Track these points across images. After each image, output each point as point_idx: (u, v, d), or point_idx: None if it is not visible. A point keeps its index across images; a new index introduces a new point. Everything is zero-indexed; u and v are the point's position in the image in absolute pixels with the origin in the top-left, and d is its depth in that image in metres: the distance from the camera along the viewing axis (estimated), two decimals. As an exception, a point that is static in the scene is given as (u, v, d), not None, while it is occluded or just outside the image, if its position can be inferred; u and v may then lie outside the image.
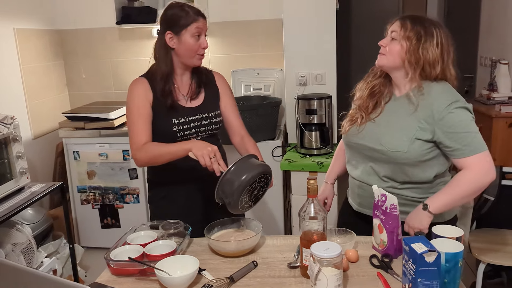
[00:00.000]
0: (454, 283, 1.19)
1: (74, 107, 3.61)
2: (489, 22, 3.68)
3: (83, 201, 3.26)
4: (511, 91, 3.17)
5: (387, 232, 1.45)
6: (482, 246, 2.23)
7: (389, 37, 1.56)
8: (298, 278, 1.38)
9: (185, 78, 1.78)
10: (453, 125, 1.46)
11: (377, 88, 1.63)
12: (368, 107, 1.62)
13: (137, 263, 1.39)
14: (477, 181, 1.46)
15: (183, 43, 1.68)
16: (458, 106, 1.47)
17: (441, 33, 1.53)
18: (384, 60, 1.56)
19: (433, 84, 1.52)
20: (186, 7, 1.70)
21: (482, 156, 1.45)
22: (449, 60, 1.54)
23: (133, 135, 1.69)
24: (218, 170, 1.51)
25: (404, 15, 1.58)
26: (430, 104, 1.49)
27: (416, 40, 1.50)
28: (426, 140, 1.50)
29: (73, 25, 3.57)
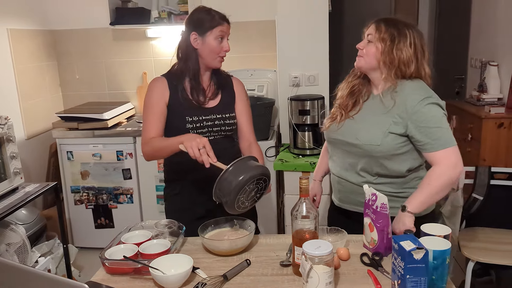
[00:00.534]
0: (441, 280, 1.22)
1: (68, 107, 3.61)
2: (479, 24, 3.73)
3: (77, 201, 3.27)
4: (500, 93, 3.22)
5: (377, 230, 1.48)
6: (471, 245, 2.27)
7: (366, 40, 1.64)
8: (291, 276, 1.40)
9: (204, 79, 1.84)
10: (425, 120, 1.53)
11: (356, 88, 1.71)
12: (348, 105, 1.70)
13: (132, 262, 1.40)
14: (446, 175, 1.51)
15: (206, 44, 1.75)
16: (430, 102, 1.55)
17: (414, 33, 1.60)
18: (362, 62, 1.65)
19: (407, 82, 1.60)
20: (212, 11, 1.77)
21: (450, 150, 1.51)
22: (423, 59, 1.61)
23: (144, 130, 1.79)
24: (207, 161, 1.52)
25: (379, 18, 1.65)
26: (404, 100, 1.56)
27: (390, 42, 1.58)
28: (399, 134, 1.57)
29: (66, 26, 3.57)
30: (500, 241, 2.30)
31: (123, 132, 3.16)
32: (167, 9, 3.31)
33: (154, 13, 3.31)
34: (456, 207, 2.35)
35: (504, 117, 2.89)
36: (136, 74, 3.63)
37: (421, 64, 1.61)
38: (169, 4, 3.37)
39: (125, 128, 3.21)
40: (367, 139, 1.60)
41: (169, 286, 1.35)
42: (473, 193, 2.45)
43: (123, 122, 3.38)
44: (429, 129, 1.52)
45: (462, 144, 3.23)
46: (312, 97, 2.67)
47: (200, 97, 1.80)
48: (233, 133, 1.89)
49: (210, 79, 1.86)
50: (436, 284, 1.21)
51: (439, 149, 1.52)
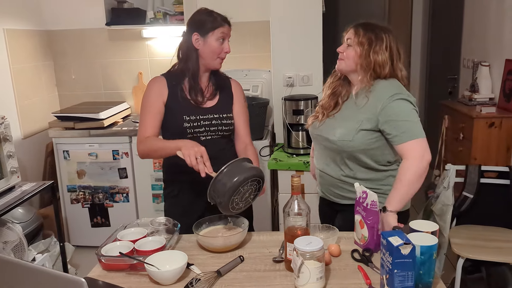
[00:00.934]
0: (429, 275, 1.25)
1: (64, 107, 3.63)
2: (471, 25, 3.78)
3: (73, 200, 3.29)
4: (492, 93, 3.27)
5: (368, 227, 1.52)
6: (462, 242, 2.31)
7: (346, 44, 1.73)
8: (283, 271, 1.44)
9: (203, 79, 1.87)
10: (393, 113, 1.62)
11: (337, 89, 1.80)
12: (330, 105, 1.80)
13: (128, 258, 1.44)
14: (413, 166, 1.57)
15: (208, 45, 1.78)
16: (399, 98, 1.63)
17: (390, 37, 1.69)
18: (343, 65, 1.75)
19: (381, 81, 1.69)
20: (214, 13, 1.82)
21: (417, 142, 1.58)
22: (399, 61, 1.71)
23: (140, 129, 1.81)
24: (203, 170, 1.56)
25: (357, 23, 1.75)
26: (376, 97, 1.66)
27: (368, 45, 1.66)
28: (371, 129, 1.66)
29: (62, 26, 3.59)
30: (489, 238, 2.35)
31: (119, 131, 3.19)
32: (162, 9, 3.33)
33: (149, 14, 3.34)
34: (447, 205, 2.40)
35: (495, 116, 2.93)
36: (132, 74, 3.65)
37: (397, 66, 1.71)
38: (164, 5, 3.39)
39: (121, 128, 3.24)
40: (341, 135, 1.70)
41: (164, 281, 1.38)
42: (464, 191, 2.49)
43: (119, 122, 3.41)
44: (397, 122, 1.61)
45: (454, 143, 3.28)
46: (306, 97, 2.71)
47: (198, 97, 1.83)
48: (231, 133, 1.92)
49: (209, 80, 1.89)
50: (424, 279, 1.25)
51: (406, 141, 1.59)
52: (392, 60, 1.70)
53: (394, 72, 1.71)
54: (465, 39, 3.92)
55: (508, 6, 3.11)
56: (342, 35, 1.78)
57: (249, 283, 1.38)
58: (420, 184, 1.59)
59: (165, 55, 3.56)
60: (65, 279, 0.97)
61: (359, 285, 1.34)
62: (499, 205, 2.45)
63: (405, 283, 1.19)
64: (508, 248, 2.25)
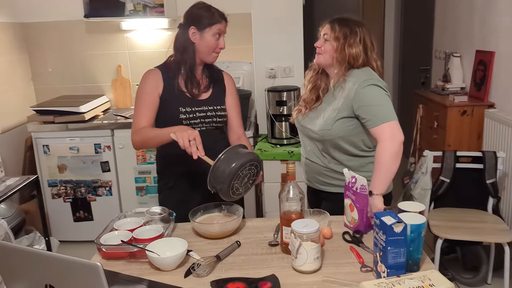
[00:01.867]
0: (418, 251, 1.34)
1: (40, 101, 3.57)
2: (443, 18, 3.93)
3: (54, 195, 3.26)
4: (463, 82, 3.42)
5: (357, 210, 1.60)
6: (439, 224, 2.43)
7: (323, 39, 1.81)
8: (279, 254, 1.50)
9: (198, 72, 1.90)
10: (365, 99, 1.71)
11: (317, 83, 1.90)
12: (312, 99, 1.89)
13: (128, 246, 1.46)
14: (387, 148, 1.65)
15: (204, 39, 1.81)
16: (370, 83, 1.72)
17: (364, 31, 1.79)
18: (321, 59, 1.83)
19: (354, 70, 1.78)
20: (212, 9, 1.84)
21: (388, 124, 1.67)
22: (373, 53, 1.81)
23: (134, 120, 1.82)
24: (195, 153, 1.58)
25: (333, 18, 1.83)
26: (349, 85, 1.75)
27: (343, 39, 1.76)
28: (347, 116, 1.76)
29: (38, 18, 3.52)
30: (465, 219, 2.48)
31: (100, 125, 3.17)
32: (142, 1, 3.32)
33: (129, 6, 3.32)
34: (425, 189, 2.52)
35: (467, 105, 3.08)
36: (111, 67, 3.63)
37: (371, 57, 1.81)
38: (144, -3, 3.38)
39: (102, 121, 3.22)
40: (321, 125, 1.80)
41: (165, 267, 1.42)
42: (441, 176, 2.61)
43: (99, 115, 3.38)
44: (369, 107, 1.71)
45: (428, 131, 3.42)
46: (289, 88, 2.77)
47: (194, 89, 1.86)
48: (224, 125, 1.96)
49: (202, 73, 1.92)
50: (413, 255, 1.34)
51: (377, 124, 1.68)
52: (366, 51, 1.80)
53: (368, 62, 1.81)
54: (437, 31, 4.07)
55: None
56: (318, 30, 1.86)
57: (248, 265, 1.43)
58: (398, 164, 1.67)
59: (145, 48, 3.55)
60: (80, 264, 1.00)
61: (353, 264, 1.42)
62: (474, 188, 2.58)
63: (397, 259, 1.27)
64: (482, 228, 2.38)
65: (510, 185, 2.70)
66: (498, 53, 2.99)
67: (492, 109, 3.01)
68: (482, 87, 3.12)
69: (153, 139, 1.76)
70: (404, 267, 1.28)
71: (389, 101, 1.74)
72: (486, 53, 3.10)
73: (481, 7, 3.20)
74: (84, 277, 1.02)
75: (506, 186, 2.74)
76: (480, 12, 3.21)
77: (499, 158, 2.52)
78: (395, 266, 1.27)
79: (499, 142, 2.79)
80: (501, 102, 2.97)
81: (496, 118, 2.85)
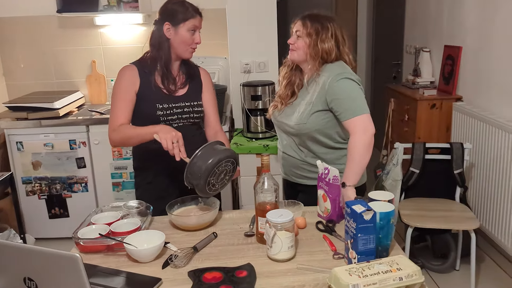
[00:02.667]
0: (387, 238, 1.40)
1: (13, 97, 3.52)
2: (413, 13, 4.03)
3: (29, 192, 3.23)
4: (433, 76, 3.53)
5: (330, 200, 1.66)
6: (410, 213, 2.52)
7: (295, 36, 1.85)
8: (255, 244, 1.54)
9: (174, 68, 1.91)
10: (338, 92, 1.77)
11: (291, 78, 1.95)
12: (287, 95, 1.94)
13: (106, 239, 1.48)
14: (359, 140, 1.72)
15: (179, 35, 1.81)
16: (343, 77, 1.78)
17: (335, 26, 1.84)
18: (295, 55, 1.88)
19: (328, 64, 1.83)
20: (186, 3, 1.83)
21: (360, 117, 1.73)
22: (345, 47, 1.86)
23: (112, 117, 1.81)
24: (178, 155, 1.61)
25: (304, 14, 1.88)
26: (323, 79, 1.80)
27: (315, 35, 1.80)
28: (322, 110, 1.81)
29: (10, 13, 3.45)
30: (434, 208, 2.57)
31: (75, 121, 3.15)
32: (116, -4, 3.30)
33: (103, 1, 3.29)
34: (396, 180, 2.60)
35: (436, 98, 3.19)
36: (85, 63, 3.59)
37: (343, 51, 1.86)
38: (118, -8, 3.35)
39: (76, 117, 3.20)
40: (296, 119, 1.85)
41: (143, 259, 1.44)
42: (411, 167, 2.70)
43: (74, 111, 3.36)
44: (341, 101, 1.76)
45: (400, 124, 3.52)
46: (264, 83, 2.81)
47: (170, 86, 1.86)
48: (200, 120, 1.98)
49: (179, 69, 1.93)
50: (382, 242, 1.40)
51: (350, 117, 1.74)
52: (338, 46, 1.85)
53: (341, 56, 1.86)
54: (407, 27, 4.17)
55: (446, -4, 3.35)
56: (290, 27, 1.91)
57: (225, 255, 1.47)
58: (369, 156, 1.73)
59: (119, 43, 3.53)
60: (59, 256, 1.02)
61: (326, 251, 1.47)
62: (442, 178, 2.68)
63: (367, 246, 1.33)
64: (451, 217, 2.48)
65: (477, 175, 2.82)
66: (465, 48, 3.10)
67: (459, 102, 3.13)
68: (450, 81, 3.23)
69: (134, 138, 1.76)
70: (373, 253, 1.34)
71: (362, 94, 1.80)
72: (454, 48, 3.21)
73: (449, 3, 3.30)
74: (63, 269, 1.03)
75: (473, 176, 2.86)
76: (448, 8, 3.32)
77: (466, 149, 2.62)
78: (365, 252, 1.33)
79: (467, 134, 2.91)
80: (468, 96, 3.09)
81: (464, 111, 2.97)
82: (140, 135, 1.73)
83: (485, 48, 2.86)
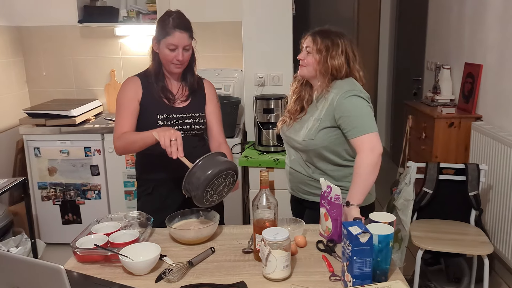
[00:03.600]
0: (385, 262, 1.36)
1: (34, 104, 3.61)
2: (434, 28, 3.96)
3: (44, 197, 3.29)
4: (452, 94, 3.45)
5: (331, 219, 1.62)
6: (421, 235, 2.45)
7: (305, 51, 1.83)
8: (252, 261, 1.52)
9: (174, 80, 1.92)
10: (346, 109, 1.73)
11: (301, 94, 1.92)
12: (296, 110, 1.91)
13: (102, 250, 1.49)
14: (367, 159, 1.68)
15: (160, 51, 1.82)
16: (352, 94, 1.74)
17: (345, 42, 1.81)
18: (305, 71, 1.85)
19: (338, 81, 1.80)
20: (170, 19, 1.79)
21: (367, 136, 1.69)
22: (355, 63, 1.82)
23: (116, 126, 1.84)
24: (175, 152, 1.60)
25: (314, 30, 1.86)
26: (332, 95, 1.77)
27: (325, 52, 1.78)
28: (330, 126, 1.77)
29: (34, 22, 3.57)
30: (447, 231, 2.49)
31: (91, 129, 3.20)
32: (135, 8, 3.36)
33: (122, 12, 3.36)
34: (408, 200, 2.53)
35: (454, 117, 3.10)
36: (104, 72, 3.66)
37: (354, 68, 1.82)
38: (137, 4, 3.42)
39: (93, 125, 3.25)
40: (304, 135, 1.82)
41: (137, 272, 1.44)
42: (424, 187, 2.63)
43: (91, 119, 3.42)
44: (349, 118, 1.72)
45: (417, 142, 3.44)
46: (276, 97, 2.80)
47: (168, 95, 1.88)
48: (203, 132, 1.98)
49: (181, 81, 1.93)
50: (381, 265, 1.35)
51: (357, 135, 1.71)
52: (349, 62, 1.81)
53: (351, 73, 1.83)
54: (428, 43, 4.10)
55: (468, 13, 3.28)
56: (300, 42, 1.89)
57: (220, 272, 1.45)
58: (375, 176, 1.69)
59: (138, 54, 3.59)
60: (44, 267, 1.02)
61: (323, 273, 1.43)
62: (456, 200, 2.59)
63: (363, 269, 1.28)
64: (464, 240, 2.40)
65: (494, 197, 2.72)
66: (485, 66, 3.02)
67: (479, 121, 3.04)
68: (470, 99, 3.15)
69: (136, 142, 1.77)
70: (370, 277, 1.30)
71: (371, 112, 1.76)
72: (474, 65, 3.13)
73: (470, 20, 3.23)
74: (48, 279, 1.03)
75: (490, 198, 2.76)
76: (469, 25, 3.25)
77: (482, 171, 2.53)
78: (360, 276, 1.29)
79: (485, 154, 2.82)
80: (488, 115, 3.00)
81: (482, 130, 2.88)
82: (142, 139, 1.74)
83: (506, 66, 2.77)
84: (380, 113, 5.38)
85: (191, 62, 1.92)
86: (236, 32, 3.16)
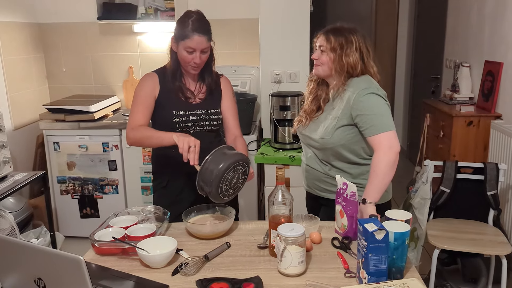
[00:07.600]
0: (401, 259, 1.35)
1: (54, 99, 3.67)
2: (454, 26, 3.91)
3: (63, 191, 3.35)
4: (472, 92, 3.40)
5: (347, 216, 1.62)
6: (438, 234, 2.42)
7: (319, 50, 1.81)
8: (267, 257, 1.53)
9: (191, 77, 1.94)
10: (363, 108, 1.72)
11: (318, 93, 1.91)
12: (313, 110, 1.90)
13: (120, 243, 1.51)
14: (384, 158, 1.67)
15: (179, 52, 1.84)
16: (369, 92, 1.73)
17: (359, 38, 1.79)
18: (320, 70, 1.84)
19: (354, 78, 1.79)
20: (188, 21, 1.80)
21: (385, 134, 1.68)
22: (370, 59, 1.81)
23: (132, 116, 1.87)
24: (192, 159, 1.64)
25: (326, 29, 1.84)
26: (349, 93, 1.76)
27: (340, 50, 1.76)
28: (347, 124, 1.77)
29: (54, 19, 3.63)
30: (464, 230, 2.46)
31: (109, 124, 3.25)
32: (153, 5, 3.39)
33: (141, 9, 3.40)
34: (425, 199, 2.50)
35: (473, 115, 3.06)
36: (122, 68, 3.71)
37: (368, 64, 1.81)
38: (155, 1, 3.45)
39: (111, 121, 3.29)
40: (321, 134, 1.82)
41: (154, 265, 1.46)
42: (441, 186, 2.59)
43: (109, 115, 3.46)
44: (366, 116, 1.71)
45: (434, 141, 3.41)
46: (293, 94, 2.79)
47: (187, 93, 1.90)
48: (219, 128, 2.00)
49: (198, 78, 1.95)
50: (396, 263, 1.35)
51: (375, 133, 1.70)
52: (363, 59, 1.80)
53: (366, 69, 1.81)
54: (448, 41, 4.05)
55: (488, 10, 3.23)
56: (313, 41, 1.88)
57: (235, 267, 1.46)
58: (392, 174, 1.68)
59: (156, 50, 3.62)
60: (64, 257, 1.04)
61: (338, 269, 1.43)
62: (474, 199, 2.56)
63: (379, 266, 1.28)
64: (481, 240, 2.36)
65: (514, 197, 2.68)
66: (506, 64, 2.97)
67: (498, 120, 2.99)
68: (490, 97, 3.10)
69: (152, 138, 1.80)
70: (385, 274, 1.30)
71: (388, 110, 1.75)
72: (495, 63, 3.08)
73: (491, 17, 3.18)
74: (69, 270, 1.06)
75: (509, 198, 2.71)
76: (490, 22, 3.20)
77: (501, 170, 2.49)
78: (376, 273, 1.29)
79: (505, 153, 2.77)
80: (508, 114, 2.94)
81: (502, 129, 2.83)
82: (160, 137, 1.77)
83: (527, 64, 2.72)
84: (398, 111, 5.33)
85: (209, 62, 1.93)
86: (253, 29, 3.16)
